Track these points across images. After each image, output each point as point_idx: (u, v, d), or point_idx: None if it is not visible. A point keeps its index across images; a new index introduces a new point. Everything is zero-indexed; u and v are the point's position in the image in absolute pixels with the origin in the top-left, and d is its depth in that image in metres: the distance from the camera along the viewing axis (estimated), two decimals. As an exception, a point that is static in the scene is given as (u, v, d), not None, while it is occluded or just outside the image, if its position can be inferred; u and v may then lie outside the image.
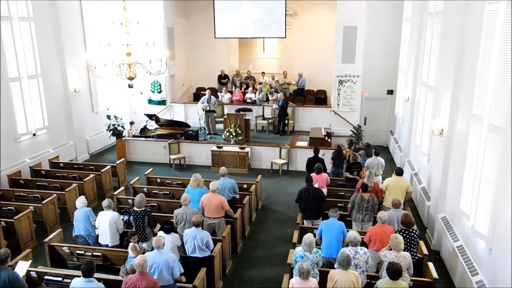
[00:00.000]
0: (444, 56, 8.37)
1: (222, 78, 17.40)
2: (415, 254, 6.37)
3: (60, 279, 6.25)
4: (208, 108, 13.88)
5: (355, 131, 12.80)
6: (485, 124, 6.13)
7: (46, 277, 6.31)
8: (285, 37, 15.86)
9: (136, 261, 5.12)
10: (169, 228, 6.40)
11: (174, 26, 16.11)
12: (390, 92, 14.92)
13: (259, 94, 15.63)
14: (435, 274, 6.02)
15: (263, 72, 17.22)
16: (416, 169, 10.59)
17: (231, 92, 16.25)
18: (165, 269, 5.61)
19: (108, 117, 12.87)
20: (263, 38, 17.83)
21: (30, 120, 11.37)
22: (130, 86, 9.53)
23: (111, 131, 12.84)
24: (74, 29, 12.92)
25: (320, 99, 16.94)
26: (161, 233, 6.48)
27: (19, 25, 10.80)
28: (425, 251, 6.73)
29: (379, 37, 14.28)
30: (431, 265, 6.26)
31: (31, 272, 6.36)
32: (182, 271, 5.85)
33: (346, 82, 13.86)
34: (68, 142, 12.84)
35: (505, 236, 5.30)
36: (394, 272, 5.05)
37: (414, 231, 6.39)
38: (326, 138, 12.86)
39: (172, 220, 7.33)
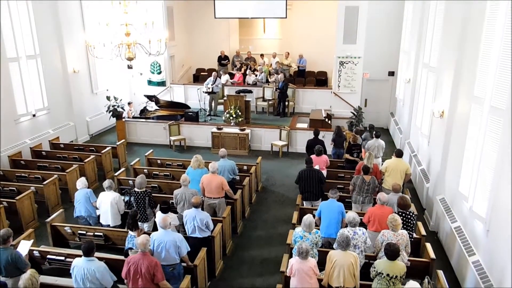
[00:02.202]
0: (447, 37, 8.27)
1: (222, 59, 17.25)
2: (411, 235, 6.43)
3: (62, 258, 6.34)
4: (211, 90, 13.82)
5: (355, 113, 12.77)
6: (486, 106, 6.11)
7: (48, 256, 6.41)
8: (286, 17, 15.61)
9: (139, 240, 5.17)
10: (166, 207, 6.42)
11: (174, 5, 15.86)
12: (391, 73, 14.82)
13: (259, 76, 15.53)
14: (432, 255, 6.10)
15: (261, 54, 17.03)
16: (416, 151, 10.61)
17: (230, 74, 16.14)
18: (172, 248, 5.68)
19: (108, 98, 12.82)
20: (264, 18, 17.60)
21: (30, 100, 11.33)
22: (130, 67, 9.46)
23: (111, 112, 12.81)
24: (72, 8, 12.74)
25: (320, 80, 16.84)
26: (158, 213, 6.54)
27: (16, 4, 10.65)
28: (423, 232, 6.80)
29: (381, 17, 14.10)
30: (428, 245, 6.34)
31: (34, 252, 6.44)
32: (189, 249, 5.93)
33: (347, 63, 13.74)
34: (68, 123, 12.83)
35: (503, 218, 5.34)
36: (392, 252, 5.11)
37: (411, 213, 6.44)
38: (327, 120, 12.83)
39: (171, 200, 7.39)
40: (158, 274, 5.15)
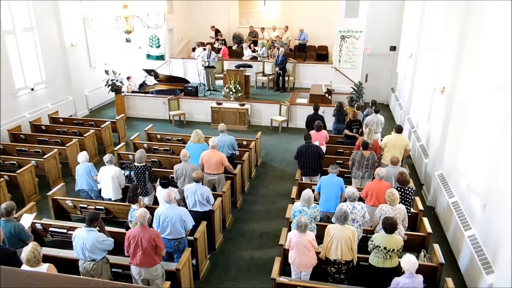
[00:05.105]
0: (450, 12, 8.13)
1: (215, 33, 17.02)
2: (409, 210, 6.51)
3: (65, 231, 6.44)
4: (207, 64, 13.67)
5: (356, 89, 12.69)
6: (487, 82, 6.07)
7: (51, 229, 6.50)
8: (287, -11, 15.33)
9: (138, 213, 5.22)
10: (166, 182, 6.46)
11: (172, -23, 15.52)
12: (393, 48, 14.63)
13: (260, 50, 15.33)
14: (429, 229, 6.21)
15: (262, 28, 16.75)
16: (415, 127, 10.61)
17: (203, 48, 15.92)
18: (178, 222, 5.75)
19: (107, 72, 12.68)
20: (264, -10, 17.27)
21: (28, 74, 11.22)
22: (128, 40, 9.38)
23: (110, 87, 12.72)
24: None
25: (321, 55, 16.65)
26: (159, 188, 6.59)
27: (11, -26, 10.41)
28: (421, 207, 6.88)
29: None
30: (425, 220, 6.44)
31: (37, 224, 6.54)
32: (194, 223, 6.01)
33: (348, 37, 13.54)
34: (67, 97, 12.74)
35: (500, 193, 5.39)
36: (390, 226, 5.19)
37: (409, 189, 6.50)
38: (327, 95, 12.76)
39: (171, 175, 7.43)
40: (160, 245, 5.25)
